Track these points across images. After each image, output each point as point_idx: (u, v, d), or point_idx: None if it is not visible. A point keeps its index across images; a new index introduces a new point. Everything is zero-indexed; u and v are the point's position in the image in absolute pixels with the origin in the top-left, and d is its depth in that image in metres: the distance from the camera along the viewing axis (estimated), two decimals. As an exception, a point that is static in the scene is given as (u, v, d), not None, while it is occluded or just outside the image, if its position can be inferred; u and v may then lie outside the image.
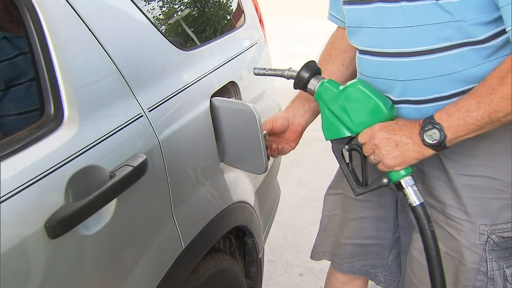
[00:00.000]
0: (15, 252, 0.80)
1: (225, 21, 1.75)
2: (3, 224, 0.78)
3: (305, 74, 1.16)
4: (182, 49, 1.35)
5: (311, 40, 6.77)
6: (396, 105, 1.12)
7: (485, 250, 1.14)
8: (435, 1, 0.99)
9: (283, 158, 2.29)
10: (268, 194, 1.91)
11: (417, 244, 1.25)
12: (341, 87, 1.12)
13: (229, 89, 1.50)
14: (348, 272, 1.47)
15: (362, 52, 1.17)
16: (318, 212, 2.93)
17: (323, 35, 1.42)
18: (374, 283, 1.51)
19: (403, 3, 1.03)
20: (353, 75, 1.36)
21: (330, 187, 1.52)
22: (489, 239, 1.13)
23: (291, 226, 2.86)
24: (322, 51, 1.41)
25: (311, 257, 1.56)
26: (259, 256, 1.71)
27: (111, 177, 0.97)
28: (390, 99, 1.13)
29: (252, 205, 1.63)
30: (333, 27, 1.42)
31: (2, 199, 0.79)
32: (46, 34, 0.95)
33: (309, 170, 3.50)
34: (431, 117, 1.01)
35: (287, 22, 8.51)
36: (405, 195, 1.09)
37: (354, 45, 1.21)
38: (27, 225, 0.82)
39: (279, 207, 2.15)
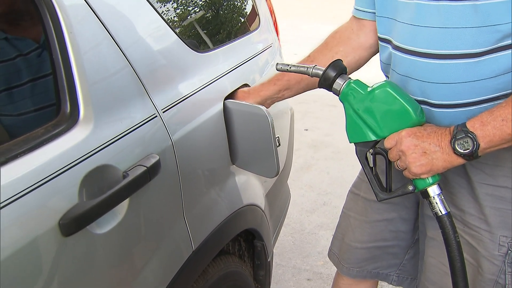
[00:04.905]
0: (28, 249, 0.80)
1: (240, 24, 1.75)
2: (17, 221, 0.79)
3: (332, 73, 1.10)
4: (197, 51, 1.36)
5: (323, 44, 6.74)
6: None
7: (505, 262, 1.11)
8: (472, 2, 0.96)
9: (294, 162, 2.29)
10: (278, 197, 1.91)
11: (432, 251, 1.23)
12: (369, 89, 1.07)
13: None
14: (358, 277, 1.46)
15: (395, 48, 1.13)
16: (327, 217, 2.96)
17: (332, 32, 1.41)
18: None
19: (441, 2, 1.00)
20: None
21: (353, 185, 1.49)
22: (509, 251, 1.11)
23: (299, 230, 2.85)
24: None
25: (327, 254, 1.56)
26: (268, 260, 1.70)
27: (124, 176, 0.97)
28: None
29: (262, 208, 1.63)
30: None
31: (17, 196, 0.79)
32: (64, 33, 0.96)
33: (319, 175, 3.49)
34: (463, 124, 0.97)
35: (299, 25, 8.51)
36: (431, 203, 1.06)
37: (385, 37, 1.18)
38: (41, 222, 0.83)
39: (288, 211, 2.15)
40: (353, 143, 1.13)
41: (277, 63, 1.21)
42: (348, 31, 1.34)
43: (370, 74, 1.42)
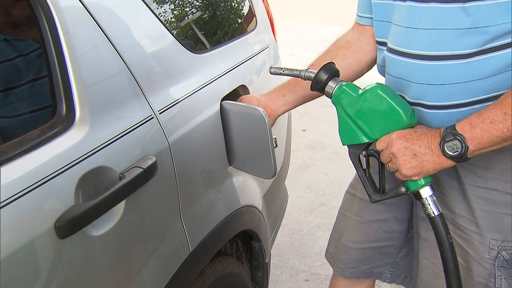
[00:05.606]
0: (24, 251, 0.80)
1: (237, 25, 1.75)
2: (13, 224, 0.79)
3: (323, 76, 1.12)
4: (194, 52, 1.36)
5: (321, 45, 6.76)
6: None
7: (495, 265, 1.11)
8: (461, 5, 0.97)
9: (291, 163, 2.29)
10: (276, 198, 1.91)
11: (425, 252, 1.24)
12: (360, 91, 1.08)
13: (239, 93, 1.50)
14: (352, 278, 1.46)
15: (389, 50, 1.14)
16: (325, 217, 2.96)
17: (333, 41, 1.42)
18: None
19: (431, 4, 1.01)
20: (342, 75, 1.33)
21: (350, 185, 1.50)
22: (499, 255, 1.11)
23: (297, 231, 2.85)
24: None
25: (324, 255, 1.56)
26: (266, 261, 1.70)
27: (120, 178, 0.97)
28: (405, 99, 1.10)
29: (260, 209, 1.63)
30: (343, 32, 1.41)
31: (12, 198, 0.79)
32: (60, 35, 0.96)
33: (317, 175, 3.49)
34: (453, 127, 0.97)
35: (297, 26, 8.52)
36: (423, 205, 1.06)
37: (381, 40, 1.19)
38: (36, 224, 0.82)
39: (286, 211, 2.15)
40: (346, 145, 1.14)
41: (271, 67, 1.22)
42: (348, 37, 1.35)
43: (367, 75, 1.43)
